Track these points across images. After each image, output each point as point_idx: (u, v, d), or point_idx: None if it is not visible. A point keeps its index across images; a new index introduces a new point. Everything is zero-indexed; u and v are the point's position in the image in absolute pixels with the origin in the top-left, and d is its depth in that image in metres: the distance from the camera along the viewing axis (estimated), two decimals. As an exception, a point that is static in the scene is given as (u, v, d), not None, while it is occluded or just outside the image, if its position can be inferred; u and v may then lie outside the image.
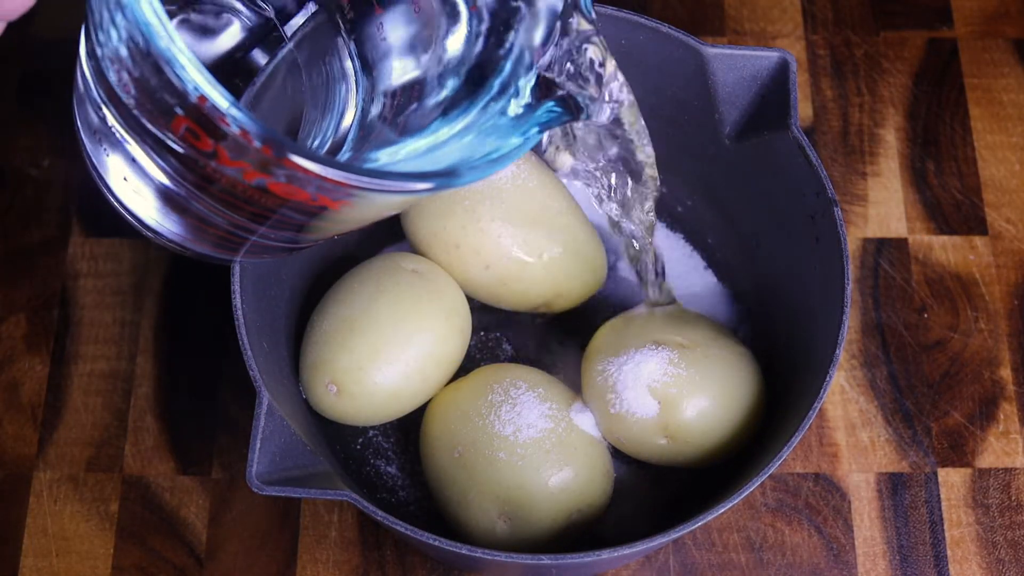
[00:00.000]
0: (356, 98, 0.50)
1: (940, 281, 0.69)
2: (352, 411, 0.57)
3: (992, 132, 0.74)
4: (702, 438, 0.56)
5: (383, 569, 0.62)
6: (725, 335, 0.59)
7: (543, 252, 0.59)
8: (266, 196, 0.38)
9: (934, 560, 0.62)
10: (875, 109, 0.74)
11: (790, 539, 0.63)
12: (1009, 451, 0.65)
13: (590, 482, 0.56)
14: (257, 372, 0.49)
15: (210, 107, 0.34)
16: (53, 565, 0.62)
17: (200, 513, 0.63)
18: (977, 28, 0.77)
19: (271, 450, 0.48)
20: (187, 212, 0.41)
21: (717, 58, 0.55)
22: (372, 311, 0.57)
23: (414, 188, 0.38)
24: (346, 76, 0.50)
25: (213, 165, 0.37)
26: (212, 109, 0.34)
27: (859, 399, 0.66)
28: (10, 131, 0.73)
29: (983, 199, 0.71)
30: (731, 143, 0.57)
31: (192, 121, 0.35)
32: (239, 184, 0.37)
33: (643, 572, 0.62)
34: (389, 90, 0.50)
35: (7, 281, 0.69)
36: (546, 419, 0.56)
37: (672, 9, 0.77)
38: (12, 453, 0.65)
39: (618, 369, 0.56)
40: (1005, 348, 0.67)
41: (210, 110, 0.34)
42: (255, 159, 0.36)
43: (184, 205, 0.40)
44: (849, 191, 0.72)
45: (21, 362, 0.67)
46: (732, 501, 0.48)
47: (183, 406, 0.66)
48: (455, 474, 0.56)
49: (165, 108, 0.35)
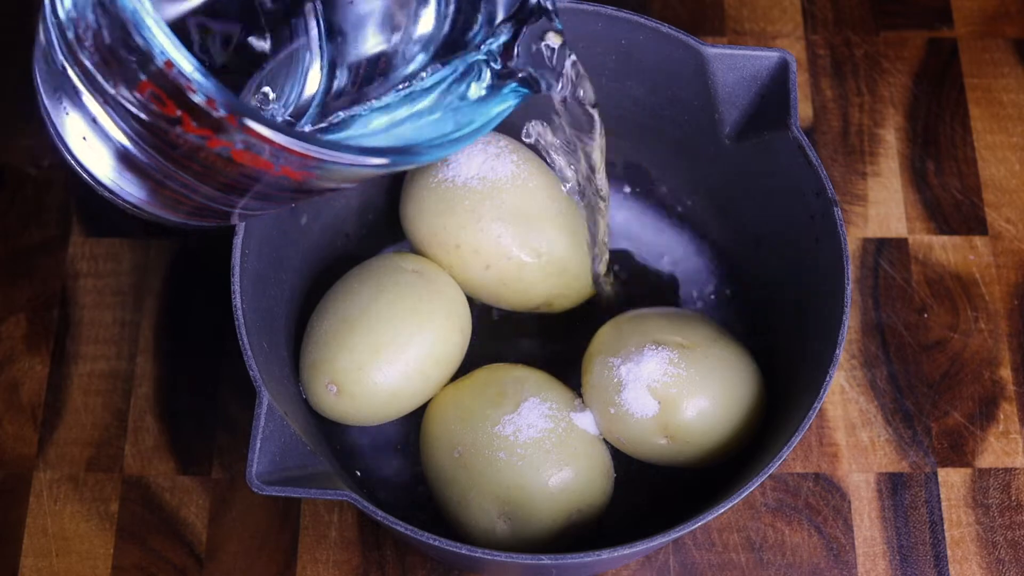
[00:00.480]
0: (321, 66, 0.50)
1: (940, 281, 0.69)
2: (352, 411, 0.57)
3: (992, 132, 0.74)
4: (702, 438, 0.56)
5: (383, 569, 0.62)
6: (725, 335, 0.59)
7: (543, 252, 0.59)
8: (229, 164, 0.38)
9: (934, 560, 0.62)
10: (875, 109, 0.74)
11: (790, 539, 0.63)
12: (1009, 451, 0.65)
13: (590, 482, 0.56)
14: (257, 372, 0.49)
15: (176, 73, 0.34)
16: (53, 565, 0.62)
17: (200, 513, 0.63)
18: (977, 28, 0.77)
19: (271, 450, 0.48)
20: (146, 174, 0.40)
21: (717, 58, 0.55)
22: (372, 311, 0.57)
23: (371, 163, 0.38)
24: (310, 42, 0.50)
25: (177, 131, 0.36)
26: (178, 75, 0.34)
27: (859, 399, 0.66)
28: (10, 131, 0.73)
29: (983, 199, 0.71)
30: (731, 143, 0.57)
31: (157, 86, 0.35)
32: (202, 150, 0.37)
33: (643, 572, 0.62)
34: (355, 62, 0.50)
35: (7, 281, 0.69)
36: (546, 419, 0.56)
37: (672, 9, 0.77)
38: (12, 453, 0.65)
39: (618, 369, 0.56)
40: (1005, 348, 0.67)
41: (176, 76, 0.34)
42: (219, 127, 0.35)
43: (143, 167, 0.40)
44: (849, 191, 0.72)
45: (21, 362, 0.67)
46: (732, 501, 0.48)
47: (183, 406, 0.66)
48: (455, 474, 0.56)
49: (129, 71, 0.35)
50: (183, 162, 0.39)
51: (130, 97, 0.36)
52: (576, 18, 0.56)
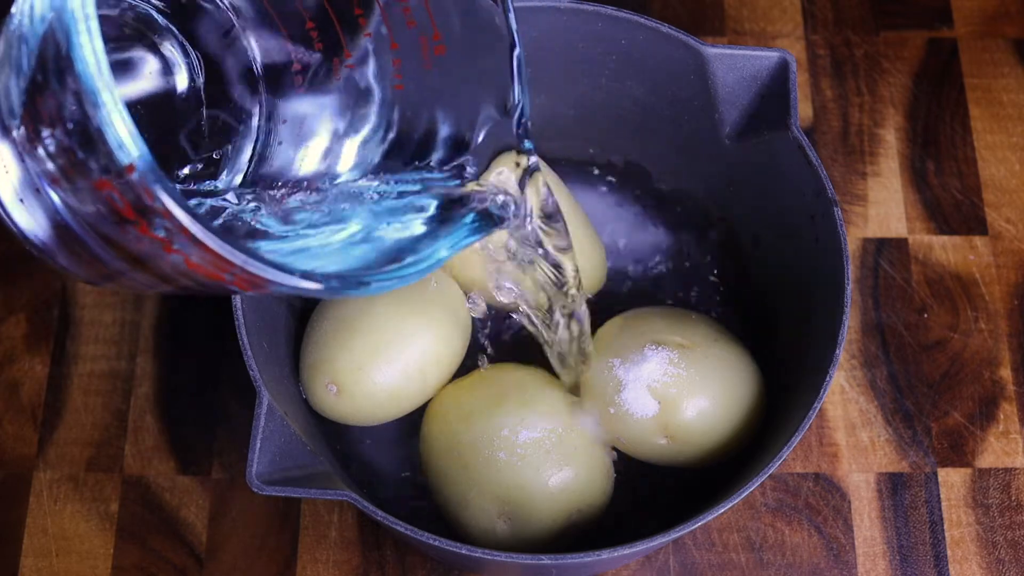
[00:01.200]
0: (253, 149, 0.49)
1: (940, 281, 0.69)
2: (352, 411, 0.57)
3: (992, 132, 0.74)
4: (702, 438, 0.56)
5: (383, 569, 0.62)
6: (725, 335, 0.59)
7: None
8: (180, 272, 0.36)
9: (934, 560, 0.62)
10: (875, 109, 0.74)
11: (790, 539, 0.63)
12: (1009, 451, 0.65)
13: (590, 482, 0.56)
14: (257, 372, 0.49)
15: (139, 178, 0.32)
16: (53, 565, 0.62)
17: (200, 513, 0.63)
18: (977, 28, 0.77)
19: (271, 450, 0.48)
20: (78, 249, 0.37)
21: (717, 58, 0.55)
22: (372, 311, 0.57)
23: (310, 287, 0.36)
24: (249, 132, 0.49)
25: (132, 232, 0.34)
26: (141, 181, 0.32)
27: (859, 399, 0.66)
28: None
29: (983, 199, 0.71)
30: (731, 143, 0.57)
31: (116, 188, 0.33)
32: (155, 257, 0.35)
33: (643, 572, 0.62)
34: (287, 174, 0.48)
35: (7, 281, 0.69)
36: (546, 419, 0.56)
37: (672, 9, 0.77)
38: (12, 453, 0.65)
39: (618, 369, 0.56)
40: (1005, 348, 0.67)
41: (139, 181, 0.32)
42: (177, 240, 0.33)
43: (79, 245, 0.37)
44: (849, 191, 0.72)
45: (21, 362, 0.67)
46: (732, 501, 0.48)
47: (183, 406, 0.66)
48: (455, 474, 0.56)
49: (84, 167, 0.33)
50: (127, 253, 0.36)
51: (87, 189, 0.34)
52: (576, 18, 0.56)
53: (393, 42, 0.46)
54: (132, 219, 0.33)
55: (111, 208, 0.33)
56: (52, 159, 0.34)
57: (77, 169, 0.33)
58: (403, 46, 0.46)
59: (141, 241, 0.34)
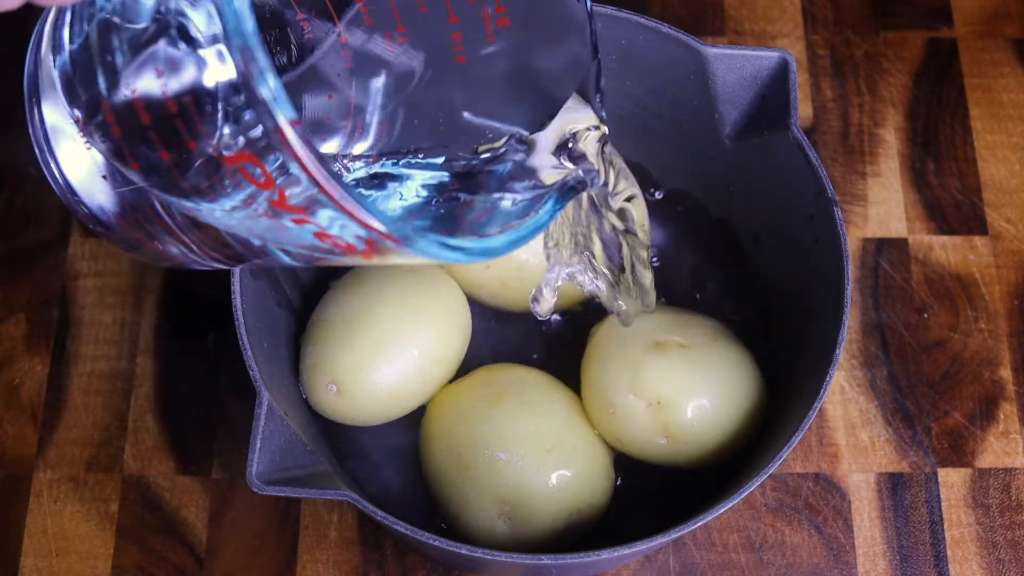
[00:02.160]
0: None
1: (940, 281, 0.69)
2: (352, 411, 0.57)
3: (992, 132, 0.74)
4: (702, 438, 0.56)
5: (383, 569, 0.62)
6: (725, 335, 0.59)
7: (542, 252, 0.59)
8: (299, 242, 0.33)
9: (934, 560, 0.62)
10: (875, 109, 0.74)
11: (790, 539, 0.63)
12: (1009, 451, 0.65)
13: (590, 482, 0.56)
14: (257, 372, 0.49)
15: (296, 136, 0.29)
16: (53, 565, 0.62)
17: (200, 513, 0.63)
18: (977, 28, 0.77)
19: (271, 450, 0.48)
20: (140, 218, 0.35)
21: (717, 58, 0.55)
22: (372, 311, 0.57)
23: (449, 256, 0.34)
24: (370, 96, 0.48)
25: (264, 203, 0.31)
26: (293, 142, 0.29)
27: (859, 399, 0.66)
28: (10, 131, 0.73)
29: (983, 199, 0.71)
30: (731, 143, 0.57)
31: (257, 158, 0.30)
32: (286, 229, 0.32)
33: (643, 572, 0.62)
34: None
35: (7, 281, 0.69)
36: (546, 419, 0.56)
37: (672, 9, 0.77)
38: (12, 453, 0.65)
39: (617, 369, 0.56)
40: (1005, 348, 0.67)
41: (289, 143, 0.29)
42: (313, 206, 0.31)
43: (147, 211, 0.35)
44: (849, 191, 0.72)
45: (21, 362, 0.67)
46: (732, 501, 0.48)
47: (183, 406, 0.66)
48: (455, 474, 0.56)
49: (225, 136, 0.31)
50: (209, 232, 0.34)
51: (219, 174, 0.31)
52: (576, 18, 0.56)
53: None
54: (270, 189, 0.31)
55: (247, 180, 0.31)
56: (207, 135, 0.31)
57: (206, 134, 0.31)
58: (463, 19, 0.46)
59: (273, 213, 0.32)
